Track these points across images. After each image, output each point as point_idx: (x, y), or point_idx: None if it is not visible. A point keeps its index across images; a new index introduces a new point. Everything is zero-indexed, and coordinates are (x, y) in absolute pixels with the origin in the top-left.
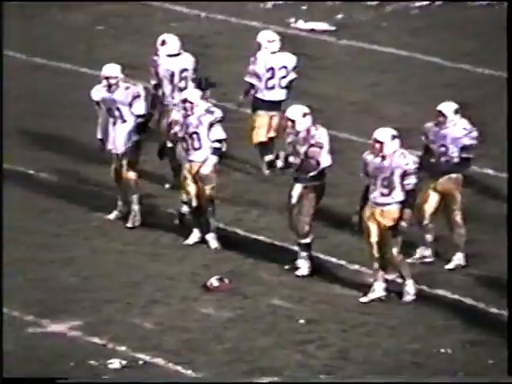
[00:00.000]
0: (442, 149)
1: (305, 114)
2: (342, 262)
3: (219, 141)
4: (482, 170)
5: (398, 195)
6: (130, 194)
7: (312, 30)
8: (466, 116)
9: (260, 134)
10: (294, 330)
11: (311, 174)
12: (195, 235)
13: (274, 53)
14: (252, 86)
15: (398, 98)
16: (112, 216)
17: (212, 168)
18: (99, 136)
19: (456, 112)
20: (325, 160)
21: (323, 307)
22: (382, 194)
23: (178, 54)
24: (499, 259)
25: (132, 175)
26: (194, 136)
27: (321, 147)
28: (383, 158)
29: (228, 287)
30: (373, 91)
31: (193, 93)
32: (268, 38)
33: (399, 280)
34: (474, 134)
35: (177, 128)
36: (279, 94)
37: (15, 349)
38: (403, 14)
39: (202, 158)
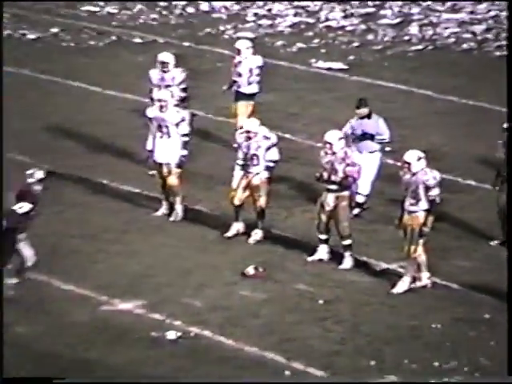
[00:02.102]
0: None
1: (340, 138)
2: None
3: (273, 161)
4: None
5: (423, 205)
6: (173, 196)
7: (329, 69)
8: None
9: (239, 120)
10: (314, 309)
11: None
12: (234, 228)
13: (247, 58)
14: (235, 82)
15: (398, 123)
16: (159, 213)
17: (264, 181)
18: (149, 147)
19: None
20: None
21: (338, 291)
22: (411, 204)
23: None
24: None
25: (175, 181)
26: (254, 157)
27: (355, 165)
28: (412, 175)
29: (262, 275)
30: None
31: (252, 123)
32: (246, 46)
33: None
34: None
35: (239, 152)
36: (255, 88)
37: (91, 323)
38: (402, 56)
39: (257, 171)
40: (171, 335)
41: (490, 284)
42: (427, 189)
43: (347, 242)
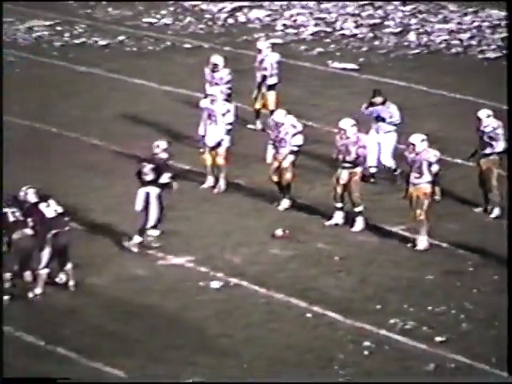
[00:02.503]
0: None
1: (353, 125)
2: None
3: (297, 145)
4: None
5: (426, 178)
6: (218, 172)
7: (343, 69)
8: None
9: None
10: (331, 264)
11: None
12: (285, 203)
13: (267, 55)
14: (264, 76)
15: (400, 113)
16: (205, 186)
17: (290, 163)
18: (201, 133)
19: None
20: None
21: (350, 249)
22: (416, 177)
23: None
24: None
25: (222, 161)
26: (282, 141)
27: (365, 147)
28: (416, 154)
29: (288, 236)
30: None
31: (279, 114)
32: (267, 46)
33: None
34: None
35: (271, 133)
36: (275, 79)
37: (149, 275)
38: (403, 58)
39: (284, 154)
40: (215, 285)
41: (474, 243)
42: (429, 165)
43: (358, 209)
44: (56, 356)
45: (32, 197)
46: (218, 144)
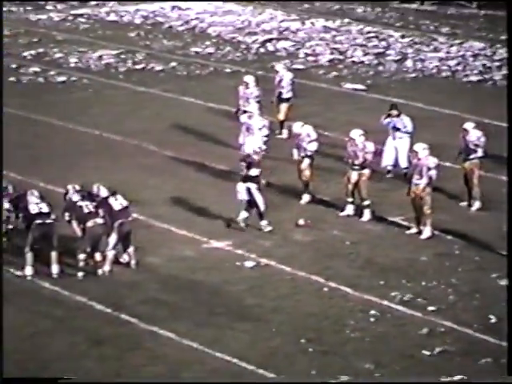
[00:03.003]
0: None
1: (360, 135)
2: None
3: (312, 151)
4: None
5: (425, 180)
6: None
7: (354, 89)
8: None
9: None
10: (343, 247)
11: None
12: (305, 198)
13: (284, 75)
14: (280, 93)
15: None
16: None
17: (307, 164)
18: (240, 142)
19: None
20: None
21: (360, 235)
22: (417, 179)
23: None
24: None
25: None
26: (301, 147)
27: (371, 153)
28: (418, 159)
29: (308, 225)
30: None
31: (297, 126)
32: (283, 67)
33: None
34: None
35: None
36: (290, 94)
37: (196, 256)
38: (402, 81)
39: (303, 156)
40: (249, 264)
41: (460, 231)
42: (428, 169)
43: (366, 202)
44: (120, 321)
45: (103, 192)
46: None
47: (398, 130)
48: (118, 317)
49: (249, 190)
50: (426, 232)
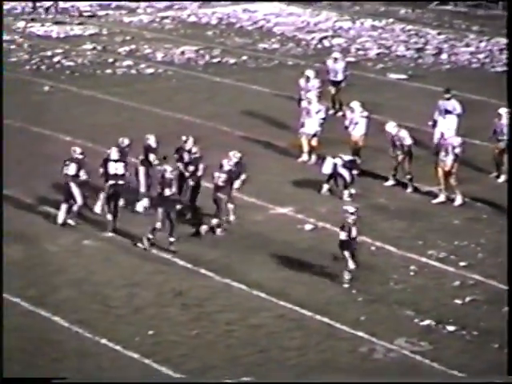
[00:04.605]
0: None
1: (394, 126)
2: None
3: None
4: None
5: (450, 157)
6: (312, 151)
7: (398, 78)
8: None
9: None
10: (388, 212)
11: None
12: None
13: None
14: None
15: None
16: (300, 160)
17: (360, 136)
18: (301, 122)
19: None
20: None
21: (402, 203)
22: (444, 156)
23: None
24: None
25: (315, 144)
26: (355, 123)
27: (406, 138)
28: (444, 139)
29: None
30: (425, 101)
31: (355, 103)
32: (335, 56)
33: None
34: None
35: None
36: (341, 78)
37: (264, 220)
38: (439, 71)
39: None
40: (308, 227)
41: (488, 199)
42: (453, 147)
43: (408, 176)
44: (199, 274)
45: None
46: (314, 134)
47: (449, 112)
48: (198, 271)
49: (335, 165)
50: (458, 200)
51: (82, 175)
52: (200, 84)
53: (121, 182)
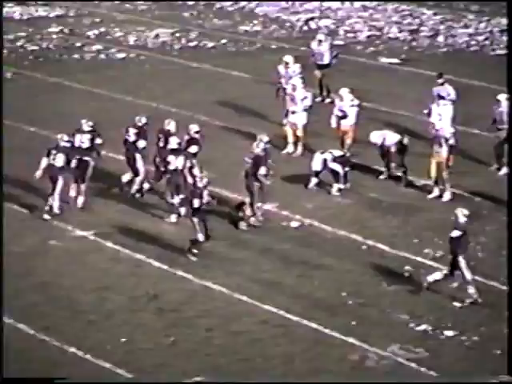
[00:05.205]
0: None
1: (380, 135)
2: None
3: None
4: None
5: (444, 149)
6: (298, 141)
7: (390, 63)
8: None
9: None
10: (381, 208)
11: None
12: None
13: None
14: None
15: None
16: (285, 151)
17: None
18: (285, 111)
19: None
20: None
21: (397, 197)
22: (437, 148)
23: None
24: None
25: (301, 133)
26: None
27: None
28: (436, 131)
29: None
30: (420, 88)
31: (344, 90)
32: (320, 38)
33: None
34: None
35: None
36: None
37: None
38: (434, 55)
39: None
40: (294, 224)
41: (488, 193)
42: (446, 140)
43: (402, 169)
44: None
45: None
46: (300, 123)
47: (443, 97)
48: (174, 273)
49: (324, 161)
50: (447, 195)
51: (73, 164)
52: (175, 70)
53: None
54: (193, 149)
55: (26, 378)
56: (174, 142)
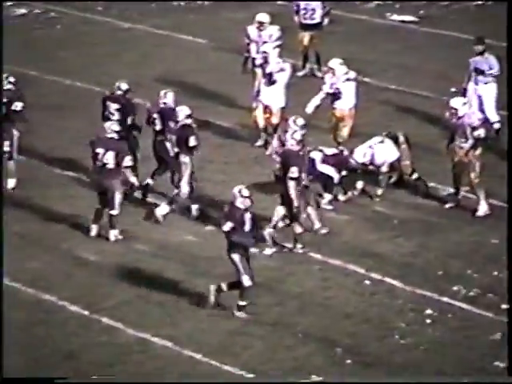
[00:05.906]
0: None
1: (464, 103)
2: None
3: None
4: None
5: (470, 142)
6: (273, 132)
7: (402, 21)
8: None
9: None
10: (390, 228)
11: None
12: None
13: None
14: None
15: (463, 66)
16: (256, 144)
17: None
18: (255, 90)
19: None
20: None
21: (410, 212)
22: (461, 142)
23: None
24: None
25: (276, 120)
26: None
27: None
28: (458, 118)
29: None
30: (443, 62)
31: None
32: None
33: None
34: None
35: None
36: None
37: (198, 241)
38: (465, 10)
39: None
40: (267, 252)
41: None
42: (473, 129)
43: (415, 176)
44: None
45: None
46: (276, 105)
47: (482, 72)
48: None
49: (313, 162)
50: (482, 208)
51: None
52: (99, 32)
53: None
54: (191, 141)
55: (26, 378)
56: (182, 115)
